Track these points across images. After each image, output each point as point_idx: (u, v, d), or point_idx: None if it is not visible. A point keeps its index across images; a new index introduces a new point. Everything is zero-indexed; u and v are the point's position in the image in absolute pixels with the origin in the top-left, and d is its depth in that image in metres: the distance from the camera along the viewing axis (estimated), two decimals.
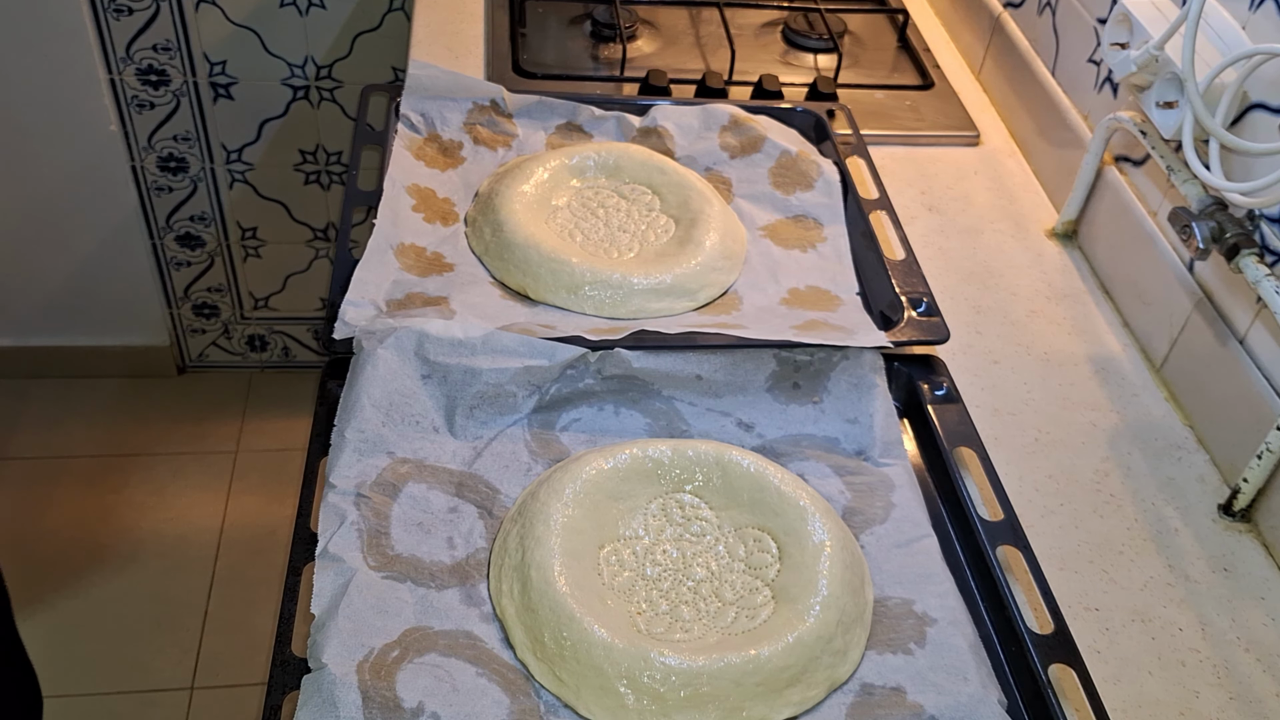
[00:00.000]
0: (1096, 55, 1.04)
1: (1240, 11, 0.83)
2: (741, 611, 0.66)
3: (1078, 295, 0.99)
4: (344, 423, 0.71)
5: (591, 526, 0.69)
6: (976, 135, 1.17)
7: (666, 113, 1.02)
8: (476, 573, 0.67)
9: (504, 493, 0.72)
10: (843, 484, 0.75)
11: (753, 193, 0.97)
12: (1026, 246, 1.04)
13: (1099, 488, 0.82)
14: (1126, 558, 0.77)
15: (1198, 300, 0.87)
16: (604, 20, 1.24)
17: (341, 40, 1.67)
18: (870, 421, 0.78)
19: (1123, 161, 1.00)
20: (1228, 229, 0.81)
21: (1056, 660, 0.65)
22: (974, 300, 0.97)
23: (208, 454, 1.97)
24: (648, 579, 0.68)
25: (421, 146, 0.95)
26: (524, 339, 0.76)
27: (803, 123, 1.04)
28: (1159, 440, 0.86)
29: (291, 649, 0.62)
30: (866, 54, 1.28)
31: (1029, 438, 0.85)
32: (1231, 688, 0.70)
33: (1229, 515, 0.81)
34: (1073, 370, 0.91)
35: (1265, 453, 0.77)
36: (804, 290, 0.88)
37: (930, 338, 0.83)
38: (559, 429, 0.77)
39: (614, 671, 0.61)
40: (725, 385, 0.79)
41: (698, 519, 0.72)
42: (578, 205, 0.93)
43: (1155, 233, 0.93)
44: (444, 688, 0.60)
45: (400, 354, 0.74)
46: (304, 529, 0.68)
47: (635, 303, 0.83)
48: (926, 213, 1.06)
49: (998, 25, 1.23)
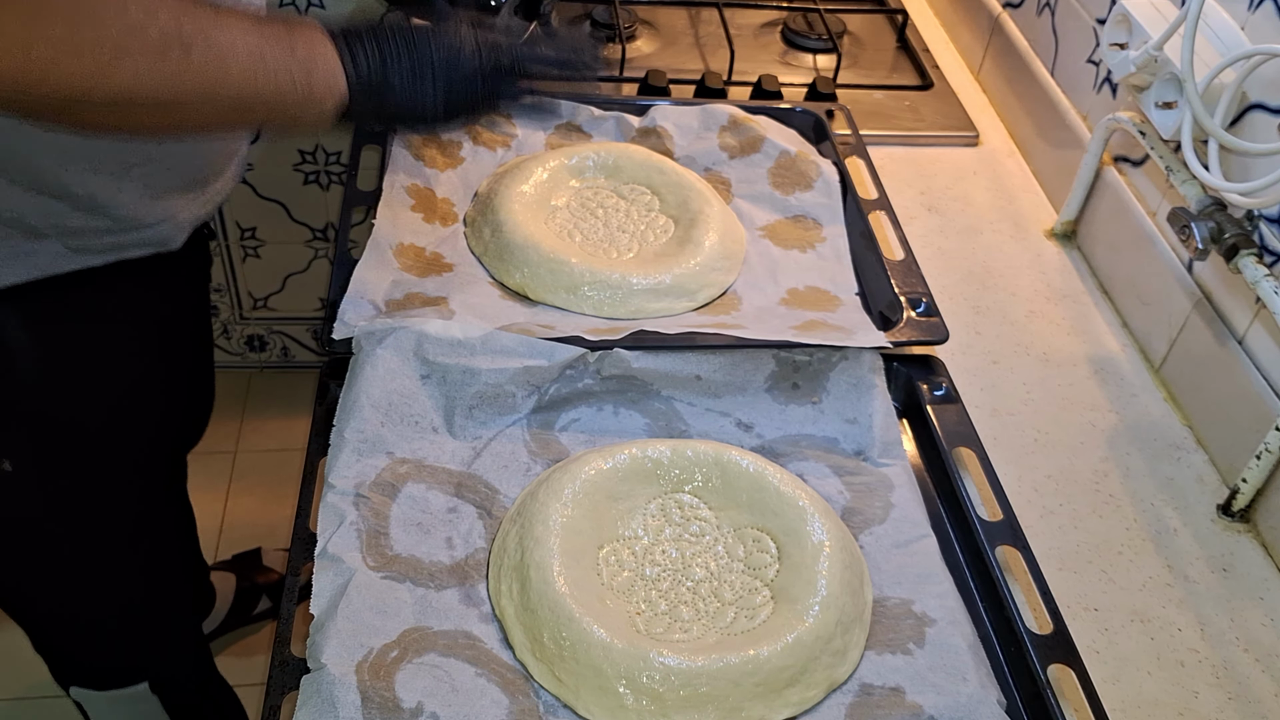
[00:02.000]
0: (1096, 55, 1.04)
1: (1239, 12, 0.83)
2: (741, 612, 0.66)
3: (1077, 295, 0.99)
4: (343, 423, 0.71)
5: (591, 527, 0.69)
6: (976, 135, 1.17)
7: (666, 113, 1.02)
8: (476, 573, 0.67)
9: (503, 493, 0.72)
10: (842, 484, 0.75)
11: (752, 193, 0.97)
12: (1026, 247, 1.04)
13: (1098, 488, 0.82)
14: (1125, 558, 0.77)
15: (1197, 300, 0.87)
16: (603, 20, 1.24)
17: None
18: (869, 422, 0.78)
19: (1122, 162, 1.00)
20: (1227, 229, 0.81)
21: (1055, 660, 0.65)
22: (973, 300, 0.97)
23: (206, 454, 1.96)
24: (647, 579, 0.68)
25: (421, 146, 0.95)
26: (523, 339, 0.76)
27: (802, 123, 1.04)
28: (1158, 440, 0.86)
29: (291, 649, 0.62)
30: (866, 54, 1.29)
31: (1028, 438, 0.85)
32: (1230, 688, 0.70)
33: (1228, 515, 0.81)
34: (1072, 370, 0.91)
35: (1264, 453, 0.77)
36: (803, 290, 0.88)
37: (929, 338, 0.83)
38: (558, 429, 0.77)
39: (613, 671, 0.61)
40: (724, 385, 0.79)
41: (697, 519, 0.72)
42: (577, 205, 0.93)
43: (1154, 233, 0.93)
44: (443, 688, 0.60)
45: (399, 354, 0.74)
46: (303, 529, 0.68)
47: (634, 303, 0.83)
48: (926, 213, 1.06)
49: (997, 25, 1.23)
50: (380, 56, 0.71)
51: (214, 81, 0.63)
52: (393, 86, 0.72)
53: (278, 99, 0.67)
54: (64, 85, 0.58)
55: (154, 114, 0.64)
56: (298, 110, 0.69)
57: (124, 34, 0.59)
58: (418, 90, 0.72)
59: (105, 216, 0.72)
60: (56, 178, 0.68)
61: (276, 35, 0.67)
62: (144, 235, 0.75)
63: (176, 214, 0.76)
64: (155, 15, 0.60)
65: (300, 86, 0.68)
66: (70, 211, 0.71)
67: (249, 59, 0.65)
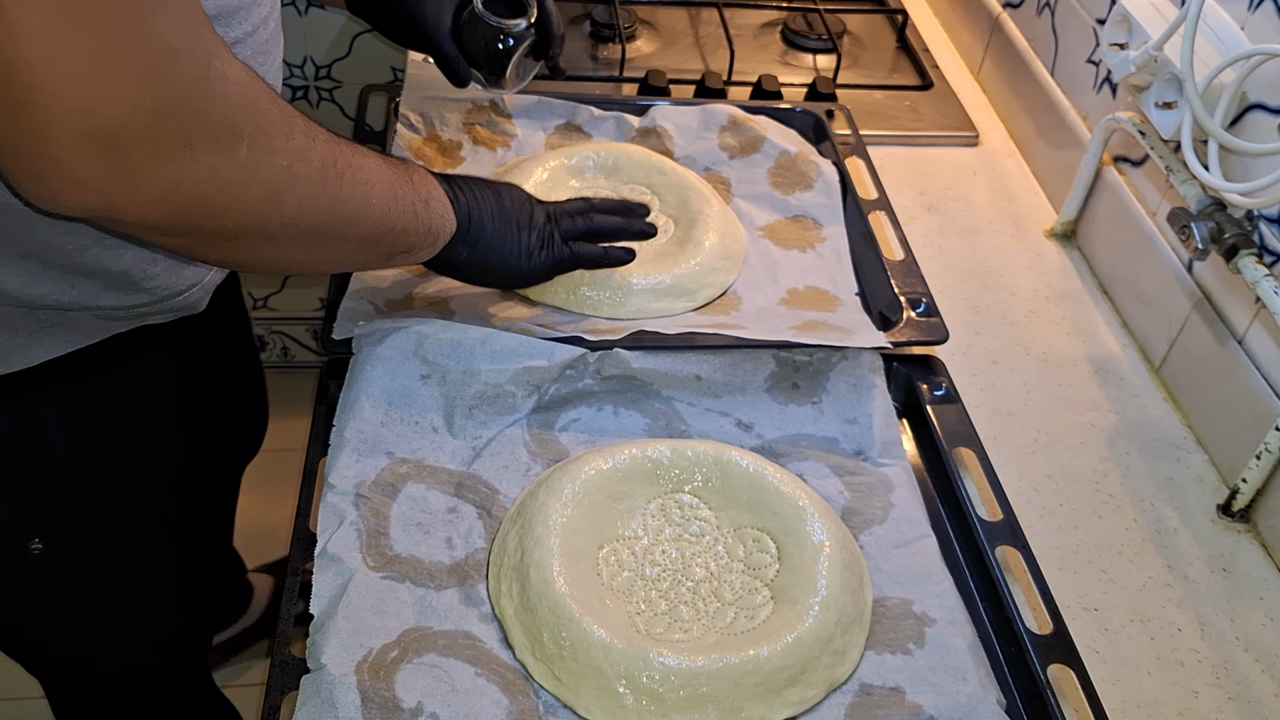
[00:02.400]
0: (1095, 56, 1.04)
1: (1239, 12, 0.83)
2: (740, 612, 0.66)
3: (1076, 295, 0.99)
4: (343, 423, 0.71)
5: (590, 527, 0.69)
6: (975, 135, 1.17)
7: (665, 113, 1.02)
8: (475, 573, 0.67)
9: (503, 493, 0.72)
10: (842, 484, 0.75)
11: (752, 193, 0.97)
12: (1025, 247, 1.04)
13: (1098, 488, 0.82)
14: (1125, 558, 0.77)
15: (1196, 300, 0.87)
16: (603, 20, 1.24)
17: (340, 40, 1.66)
18: (869, 422, 0.78)
19: (1122, 162, 1.00)
20: (1226, 229, 0.81)
21: (1055, 660, 0.65)
22: (973, 300, 0.97)
23: None
24: (647, 579, 0.68)
25: (421, 146, 0.95)
26: (523, 339, 0.76)
27: (802, 123, 1.04)
28: (1158, 440, 0.86)
29: (290, 649, 0.62)
30: (865, 54, 1.28)
31: (1028, 438, 0.85)
32: (1230, 688, 0.70)
33: (1228, 515, 0.81)
34: (1072, 370, 0.91)
35: (1264, 453, 0.77)
36: (803, 290, 0.88)
37: (929, 338, 0.83)
38: (558, 429, 0.77)
39: (613, 671, 0.61)
40: (724, 385, 0.79)
41: (697, 519, 0.72)
42: None
43: (1154, 233, 0.93)
44: (443, 688, 0.60)
45: (399, 354, 0.74)
46: (303, 529, 0.68)
47: (634, 303, 0.83)
48: (925, 213, 1.06)
49: (997, 25, 1.23)
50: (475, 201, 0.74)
51: (359, 211, 0.64)
52: (486, 234, 0.74)
53: (404, 232, 0.68)
54: (239, 213, 0.57)
55: (305, 247, 0.64)
56: (418, 244, 0.70)
57: (294, 160, 0.58)
58: (506, 241, 0.75)
59: (138, 291, 0.71)
60: (95, 257, 0.67)
61: (397, 169, 0.68)
62: (172, 304, 0.75)
63: (205, 279, 0.76)
64: (315, 141, 0.60)
65: (422, 221, 0.69)
66: (103, 290, 0.70)
67: (386, 191, 0.66)
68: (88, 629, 0.93)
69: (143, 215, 0.55)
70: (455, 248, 0.73)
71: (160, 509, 0.91)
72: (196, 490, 0.97)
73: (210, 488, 1.04)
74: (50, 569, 0.85)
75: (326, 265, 0.74)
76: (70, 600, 0.90)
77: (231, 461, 1.10)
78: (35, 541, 0.82)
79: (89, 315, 0.72)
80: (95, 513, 0.85)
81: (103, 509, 0.85)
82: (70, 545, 0.85)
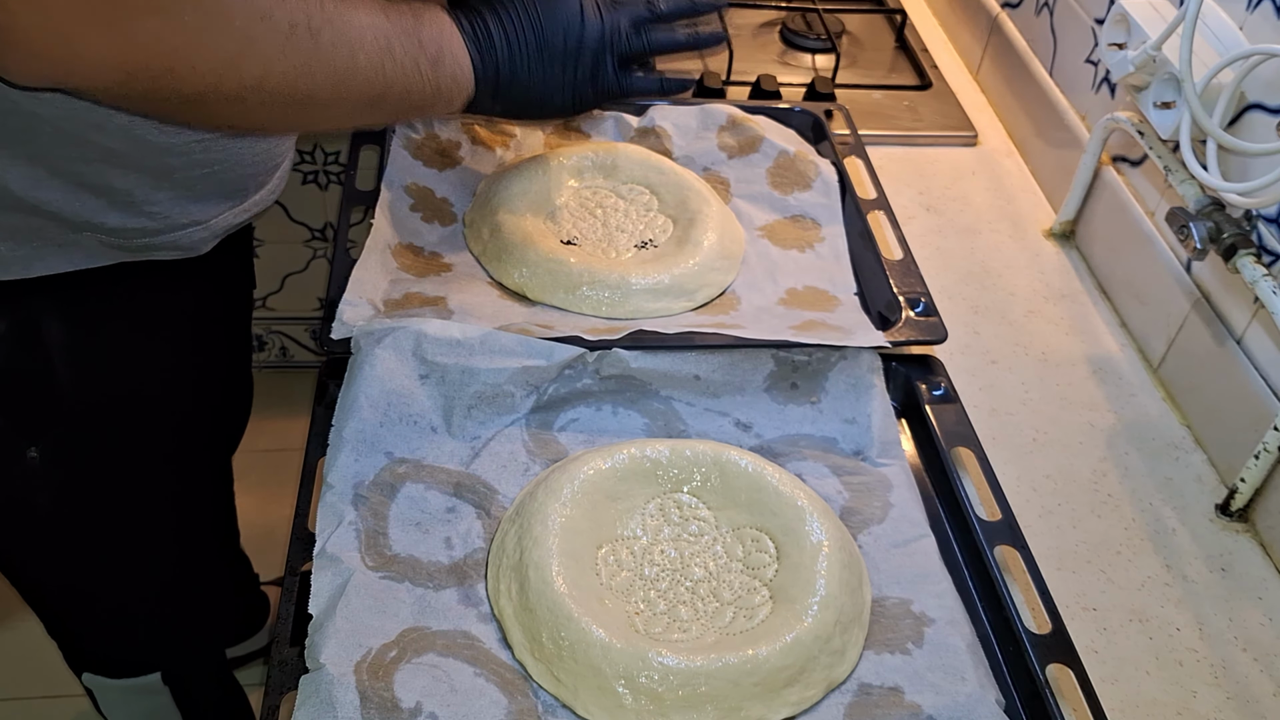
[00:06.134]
0: (1094, 55, 1.05)
1: (1238, 12, 0.83)
2: (739, 611, 0.66)
3: (1075, 295, 0.99)
4: (342, 422, 0.71)
5: (589, 526, 0.69)
6: (974, 135, 1.17)
7: (664, 113, 1.02)
8: (474, 573, 0.67)
9: (502, 493, 0.72)
10: (840, 484, 0.75)
11: (751, 193, 0.97)
12: (1024, 246, 1.04)
13: (1096, 488, 0.82)
14: (1124, 557, 0.77)
15: (1195, 300, 0.87)
16: None
17: None
18: (868, 421, 0.78)
19: (1120, 162, 1.00)
20: (1225, 229, 0.81)
21: (1054, 660, 0.65)
22: (972, 300, 0.97)
23: None
24: (646, 579, 0.68)
25: (419, 146, 0.95)
26: (522, 339, 0.76)
27: (801, 123, 1.04)
28: (1156, 440, 0.86)
29: (289, 649, 0.62)
30: (864, 54, 1.29)
31: (1027, 438, 0.85)
32: (1229, 687, 0.70)
33: (1226, 515, 0.81)
34: (1070, 370, 0.91)
35: (1262, 452, 0.77)
36: (802, 290, 0.88)
37: (928, 338, 0.83)
38: (557, 429, 0.77)
39: (612, 671, 0.61)
40: (723, 385, 0.79)
41: (696, 519, 0.72)
42: (576, 205, 0.93)
43: (1153, 233, 0.93)
44: (442, 688, 0.60)
45: (398, 354, 0.74)
46: (302, 529, 0.68)
47: (633, 303, 0.83)
48: (924, 213, 1.07)
49: (995, 25, 1.23)
50: (507, 44, 0.69)
51: (342, 73, 0.61)
52: (520, 81, 0.70)
53: (404, 93, 0.65)
54: (193, 77, 0.56)
55: (281, 109, 0.62)
56: (424, 104, 0.67)
57: (252, 21, 0.57)
58: (546, 83, 0.71)
59: (140, 215, 0.70)
60: (99, 172, 0.67)
61: (403, 25, 0.65)
62: (172, 238, 0.74)
63: (209, 220, 0.76)
64: (283, 1, 0.59)
65: (428, 81, 0.66)
66: (107, 209, 0.69)
67: (376, 50, 0.63)
68: (85, 556, 0.94)
69: (92, 82, 0.55)
70: (481, 102, 0.69)
71: (157, 448, 0.91)
72: (192, 448, 0.97)
73: (205, 448, 1.04)
74: (45, 482, 0.85)
75: (327, 126, 0.71)
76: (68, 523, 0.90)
77: (222, 436, 1.10)
78: (31, 450, 0.83)
79: (94, 239, 0.72)
80: (91, 436, 0.85)
81: (99, 434, 0.86)
82: (66, 460, 0.85)
